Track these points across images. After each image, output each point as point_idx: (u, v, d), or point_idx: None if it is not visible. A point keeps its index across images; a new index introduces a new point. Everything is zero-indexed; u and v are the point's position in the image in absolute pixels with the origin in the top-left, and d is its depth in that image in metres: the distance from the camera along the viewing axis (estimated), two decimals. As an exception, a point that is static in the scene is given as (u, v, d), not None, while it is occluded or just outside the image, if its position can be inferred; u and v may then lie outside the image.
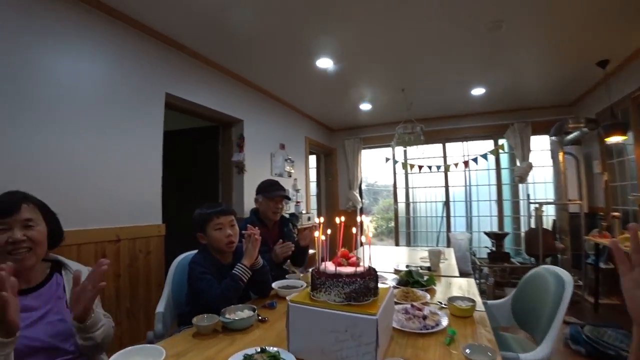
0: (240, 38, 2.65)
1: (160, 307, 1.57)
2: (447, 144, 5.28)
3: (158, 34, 2.55)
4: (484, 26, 2.47)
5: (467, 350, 0.97)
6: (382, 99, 4.35)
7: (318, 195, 5.83)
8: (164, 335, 1.45)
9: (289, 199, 2.18)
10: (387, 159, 5.18)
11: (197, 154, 3.68)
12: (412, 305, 1.34)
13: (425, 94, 4.11)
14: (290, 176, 4.28)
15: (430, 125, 4.70)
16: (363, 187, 5.89)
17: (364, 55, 3.05)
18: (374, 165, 6.15)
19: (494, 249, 4.19)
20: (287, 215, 2.28)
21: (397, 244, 5.41)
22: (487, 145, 5.11)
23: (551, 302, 1.40)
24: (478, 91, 4.03)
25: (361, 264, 1.07)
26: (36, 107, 1.85)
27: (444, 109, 4.81)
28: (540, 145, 4.81)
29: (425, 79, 3.66)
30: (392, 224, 7.74)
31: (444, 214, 5.16)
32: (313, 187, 5.62)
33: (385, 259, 2.57)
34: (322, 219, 1.18)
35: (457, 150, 5.30)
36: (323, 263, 1.09)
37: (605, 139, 3.18)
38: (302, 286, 1.63)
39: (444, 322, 1.22)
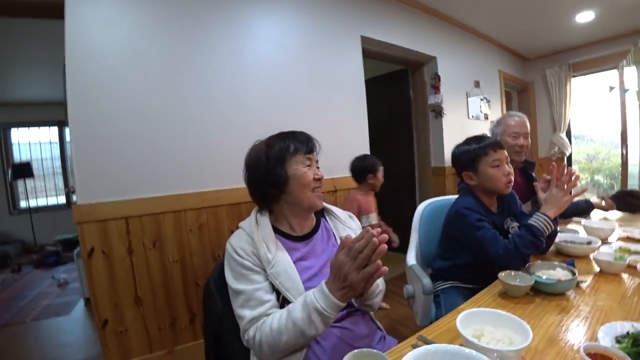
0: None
1: (411, 259, 1.42)
2: None
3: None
4: None
5: None
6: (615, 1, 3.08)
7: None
8: (432, 291, 1.29)
9: None
10: (612, 88, 3.82)
11: (386, 101, 3.51)
12: None
13: None
14: (487, 118, 3.70)
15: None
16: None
17: None
18: (580, 101, 4.75)
19: None
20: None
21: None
22: None
23: None
24: None
25: None
26: (248, 62, 1.99)
27: None
28: None
29: None
30: (599, 177, 6.09)
31: None
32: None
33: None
34: None
35: None
36: None
37: None
38: (590, 242, 1.28)
39: None
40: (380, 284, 0.99)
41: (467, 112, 3.47)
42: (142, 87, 1.65)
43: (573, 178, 1.11)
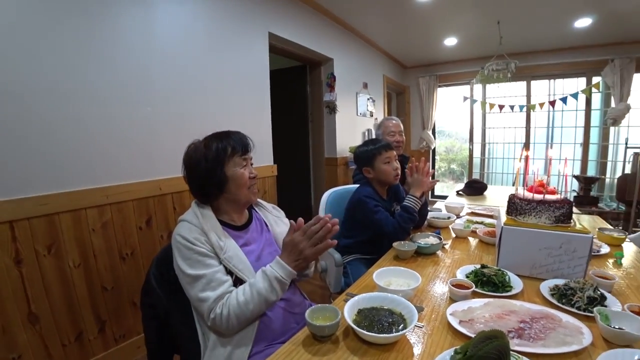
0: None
1: None
2: (532, 82, 5.10)
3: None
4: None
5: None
6: (471, 33, 4.18)
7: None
8: (342, 263, 1.67)
9: None
10: (465, 98, 5.09)
11: (285, 94, 3.81)
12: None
13: (519, 26, 3.90)
14: (372, 115, 4.42)
15: (517, 61, 4.57)
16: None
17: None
18: (442, 107, 6.10)
19: (580, 192, 4.25)
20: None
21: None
22: (579, 83, 4.88)
23: None
24: (583, 22, 3.78)
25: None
26: (157, 47, 1.94)
27: (535, 43, 4.56)
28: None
29: (525, 9, 3.46)
30: (454, 165, 7.83)
31: (523, 156, 5.17)
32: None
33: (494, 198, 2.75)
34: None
35: (542, 89, 5.12)
36: (521, 191, 1.29)
37: None
38: (449, 217, 1.86)
39: (605, 248, 1.45)
40: None
41: (356, 109, 4.09)
42: (27, 64, 1.46)
43: (429, 169, 1.67)
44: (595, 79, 4.63)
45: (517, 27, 3.89)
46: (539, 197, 1.22)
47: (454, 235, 1.66)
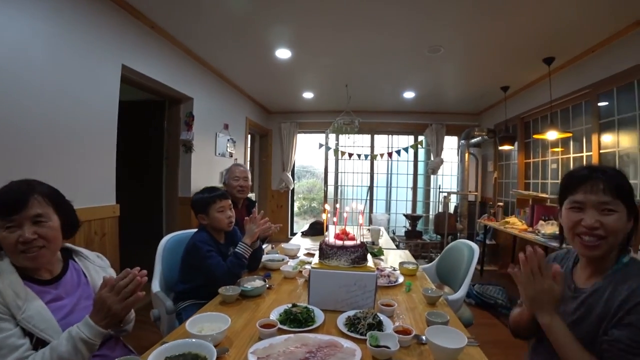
0: (207, 17, 2.78)
1: (156, 287, 1.75)
2: (375, 136, 6.17)
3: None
4: (427, 48, 3.20)
5: (429, 291, 1.59)
6: (325, 91, 4.89)
7: (251, 175, 6.18)
8: (175, 310, 1.70)
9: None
10: (321, 145, 5.78)
11: (139, 129, 3.62)
12: (378, 269, 1.93)
13: (363, 90, 4.77)
14: (231, 156, 4.54)
15: (363, 117, 5.44)
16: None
17: (318, 52, 3.49)
18: (304, 149, 6.74)
19: (409, 228, 5.21)
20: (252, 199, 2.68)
21: (325, 223, 6.20)
22: (409, 140, 6.15)
23: (465, 263, 2.14)
24: (409, 94, 4.90)
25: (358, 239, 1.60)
26: None
27: (377, 105, 5.62)
28: (450, 144, 6.06)
29: (368, 79, 4.30)
30: (314, 204, 8.58)
31: (368, 197, 6.09)
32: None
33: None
34: (329, 207, 1.66)
35: (383, 142, 6.25)
36: (328, 238, 1.58)
37: (500, 147, 4.34)
38: (284, 259, 2.08)
39: (401, 278, 1.85)
40: (132, 311, 1.25)
41: (215, 149, 4.16)
42: None
43: (266, 221, 1.87)
44: (420, 137, 5.91)
45: (362, 91, 4.74)
46: (339, 243, 1.52)
47: (283, 276, 1.86)
